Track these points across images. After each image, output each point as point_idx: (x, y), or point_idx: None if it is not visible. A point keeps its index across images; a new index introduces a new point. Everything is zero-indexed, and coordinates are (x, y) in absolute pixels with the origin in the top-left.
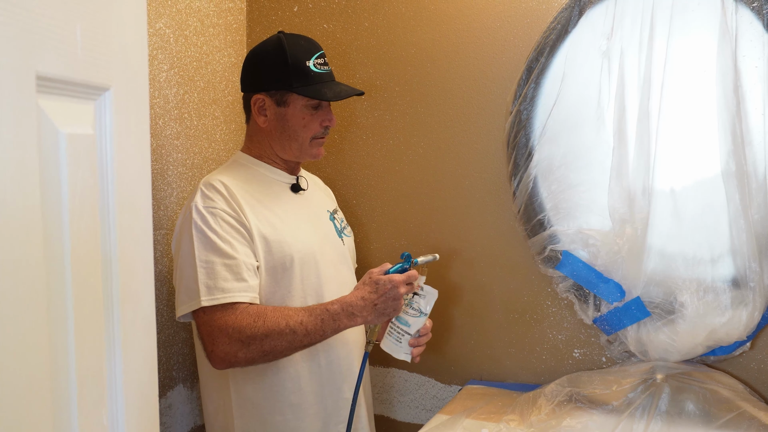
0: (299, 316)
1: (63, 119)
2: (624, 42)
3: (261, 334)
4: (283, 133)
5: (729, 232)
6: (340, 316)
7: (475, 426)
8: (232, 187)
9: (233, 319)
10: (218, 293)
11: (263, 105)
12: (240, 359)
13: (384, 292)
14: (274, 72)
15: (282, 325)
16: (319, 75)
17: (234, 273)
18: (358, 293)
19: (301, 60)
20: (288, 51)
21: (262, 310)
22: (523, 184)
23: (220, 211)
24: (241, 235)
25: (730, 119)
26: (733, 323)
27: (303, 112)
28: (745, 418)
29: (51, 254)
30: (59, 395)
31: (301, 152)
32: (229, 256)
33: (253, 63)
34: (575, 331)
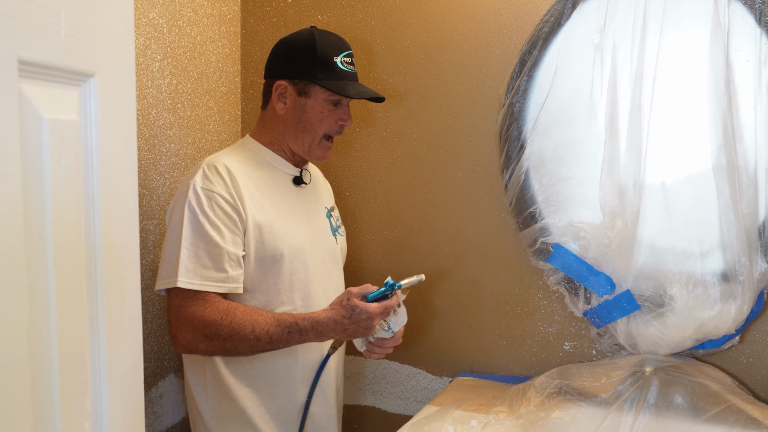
0: (267, 325)
1: (46, 105)
2: (617, 36)
3: (225, 334)
4: (299, 124)
5: (719, 226)
6: (308, 333)
7: (464, 417)
8: (234, 172)
9: (201, 311)
10: (195, 278)
11: (284, 92)
12: (200, 351)
13: (358, 321)
14: (301, 61)
15: (247, 331)
16: (344, 73)
17: (215, 261)
18: (331, 314)
19: (330, 55)
20: (318, 44)
21: (232, 308)
22: (515, 176)
23: (217, 195)
24: (232, 222)
25: (721, 114)
26: (722, 317)
27: (323, 105)
28: (733, 412)
29: (32, 242)
30: (40, 382)
31: (311, 148)
32: (214, 244)
33: (281, 50)
34: (565, 323)
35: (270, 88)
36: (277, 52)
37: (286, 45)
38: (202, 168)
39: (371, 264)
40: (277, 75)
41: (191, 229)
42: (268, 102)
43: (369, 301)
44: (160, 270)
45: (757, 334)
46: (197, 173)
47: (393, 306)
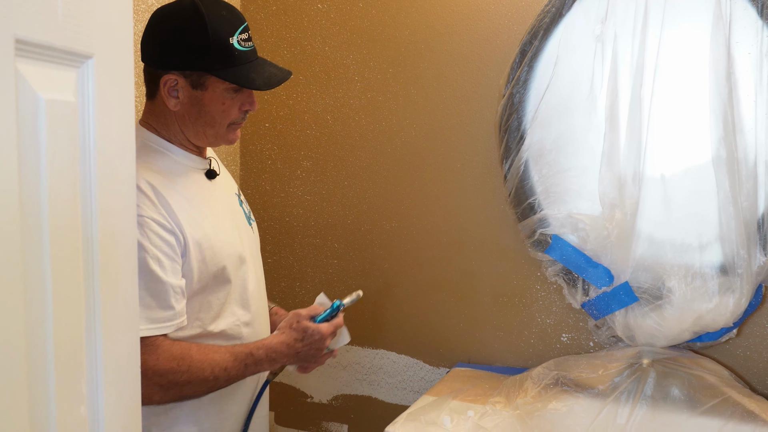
0: (224, 362)
1: (43, 84)
2: (618, 27)
3: (183, 381)
4: (198, 119)
5: (718, 219)
6: (262, 362)
7: (461, 407)
8: (158, 186)
9: (154, 361)
10: (142, 323)
11: (175, 86)
12: (154, 402)
13: (310, 343)
14: (191, 50)
15: (206, 373)
16: (244, 54)
17: (160, 299)
18: (282, 338)
19: (224, 37)
20: (209, 25)
21: (186, 351)
22: (515, 167)
23: (149, 220)
24: (170, 248)
25: (721, 106)
26: (720, 310)
27: (223, 96)
28: (729, 404)
29: (28, 224)
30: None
31: (216, 139)
32: (156, 279)
33: (165, 35)
34: (563, 315)
35: (154, 80)
36: (160, 38)
37: (169, 28)
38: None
39: (370, 255)
40: (163, 65)
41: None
42: (155, 94)
43: (318, 322)
44: None
45: (754, 327)
46: None
47: (341, 325)
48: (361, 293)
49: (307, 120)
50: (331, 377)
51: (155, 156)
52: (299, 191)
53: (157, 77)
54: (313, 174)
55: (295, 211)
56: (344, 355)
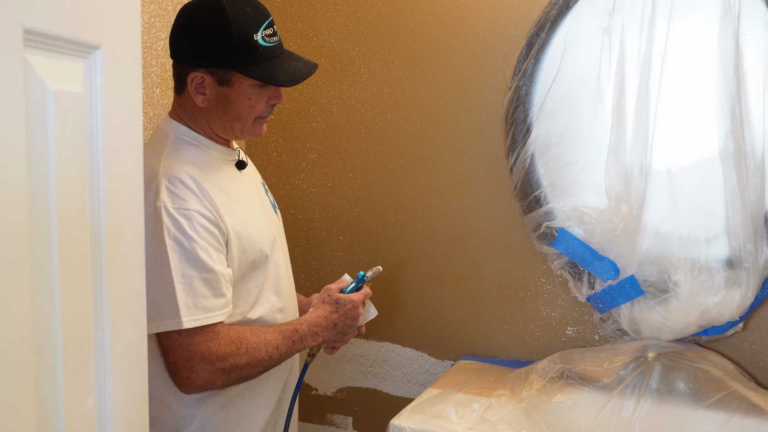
0: (275, 341)
1: (51, 75)
2: (625, 19)
3: (243, 364)
4: (226, 114)
5: (725, 213)
6: (306, 337)
7: (466, 400)
8: (199, 179)
9: (216, 347)
10: (200, 313)
11: (202, 83)
12: (217, 386)
13: (345, 312)
14: (216, 48)
15: (262, 353)
16: (268, 50)
17: (213, 288)
18: (320, 312)
19: (248, 33)
20: (233, 22)
21: (241, 334)
22: (521, 160)
23: (195, 213)
24: (217, 241)
25: (729, 99)
26: (727, 303)
27: (249, 91)
28: (735, 398)
29: (36, 215)
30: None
31: (243, 132)
32: (208, 269)
33: (189, 33)
34: (569, 308)
35: (182, 76)
36: (185, 35)
37: (194, 26)
38: (162, 184)
39: (375, 247)
40: (189, 62)
41: (179, 259)
42: (184, 90)
43: (346, 293)
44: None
45: (760, 321)
46: (161, 192)
47: (369, 294)
48: (380, 268)
49: (313, 112)
50: (336, 370)
51: (189, 149)
52: (304, 184)
53: (185, 74)
54: (318, 166)
55: (300, 203)
56: (349, 347)
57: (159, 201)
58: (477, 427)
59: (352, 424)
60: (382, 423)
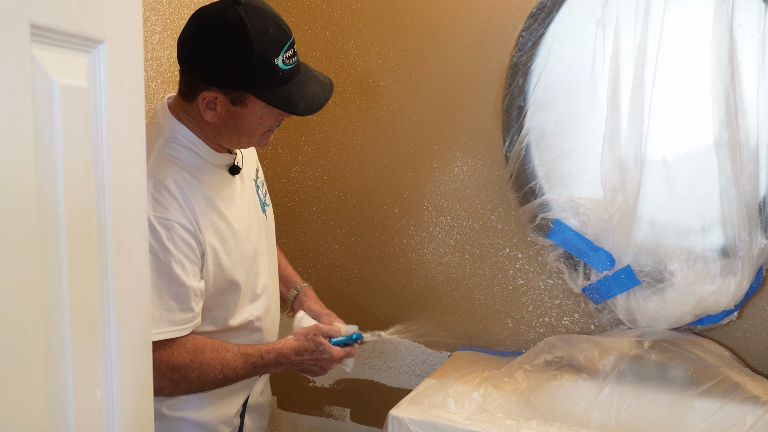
0: (234, 362)
1: (57, 70)
2: (620, 9)
3: (193, 377)
4: (235, 130)
5: (720, 202)
6: (270, 365)
7: (464, 390)
8: (185, 187)
9: (168, 355)
10: (163, 325)
11: (214, 100)
12: (164, 394)
13: (318, 359)
14: (234, 71)
15: (216, 372)
16: (288, 73)
17: (181, 302)
18: (295, 345)
19: (270, 58)
20: (255, 46)
21: (200, 346)
22: (516, 152)
23: (175, 224)
24: (192, 252)
25: (724, 89)
26: (722, 292)
27: (261, 111)
28: (730, 384)
29: (44, 207)
30: (53, 350)
31: (249, 144)
32: (180, 283)
33: (207, 47)
34: (565, 298)
35: (193, 89)
36: (202, 50)
37: (213, 43)
38: (149, 194)
39: (372, 239)
40: (203, 79)
41: (152, 270)
42: (193, 100)
43: (333, 344)
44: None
45: (755, 309)
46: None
47: (353, 355)
48: (382, 334)
49: None
50: None
51: (182, 150)
52: (300, 176)
53: (197, 89)
54: (314, 159)
55: (296, 196)
56: None
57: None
58: (476, 416)
59: (350, 416)
60: (380, 414)
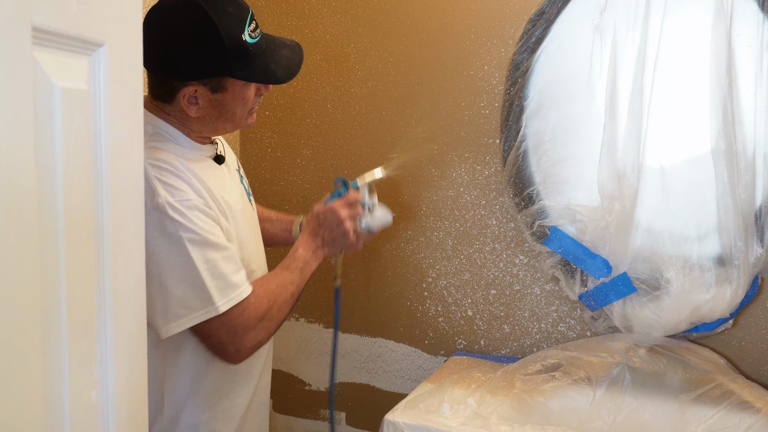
0: (287, 278)
1: (58, 73)
2: (618, 17)
3: (275, 312)
4: (219, 119)
5: (716, 211)
6: (309, 260)
7: (460, 395)
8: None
9: (255, 311)
10: (231, 292)
11: (195, 94)
12: (263, 342)
13: (327, 223)
14: (209, 58)
15: (286, 295)
16: (257, 46)
17: (234, 263)
18: (306, 232)
19: (237, 35)
20: (220, 28)
21: (265, 287)
22: (513, 157)
23: (193, 203)
24: (217, 222)
25: (721, 98)
26: (717, 300)
27: (242, 91)
28: (723, 391)
29: (44, 208)
30: (50, 350)
31: (236, 127)
32: (224, 247)
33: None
34: (561, 305)
35: (171, 90)
36: (170, 46)
37: (178, 36)
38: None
39: (369, 243)
40: (180, 76)
41: (199, 248)
42: (172, 102)
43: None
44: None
45: (750, 318)
46: (158, 190)
47: (353, 199)
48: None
49: (307, 108)
50: (330, 365)
51: (168, 144)
52: (299, 180)
53: (174, 88)
54: (313, 163)
55: (294, 199)
56: (342, 343)
57: (159, 199)
58: (471, 421)
59: (345, 420)
60: (375, 418)
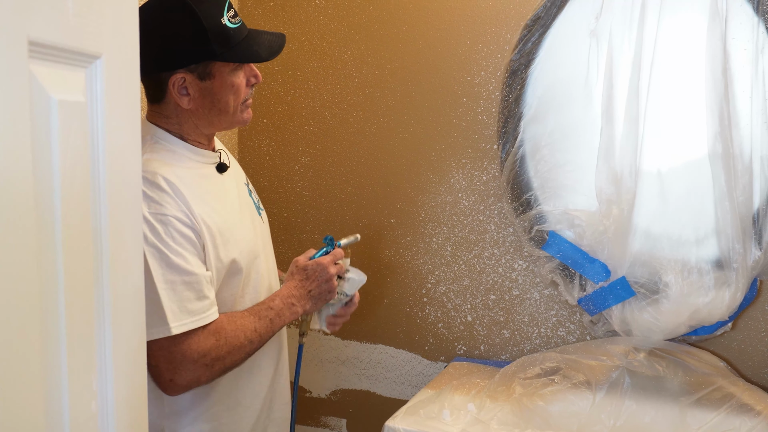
0: (252, 324)
1: (54, 85)
2: (614, 22)
3: (224, 354)
4: (213, 109)
5: (714, 214)
6: (283, 312)
7: (460, 401)
8: (175, 181)
9: (196, 344)
10: (186, 317)
11: (183, 83)
12: (202, 382)
13: (315, 276)
14: (191, 43)
15: (241, 339)
16: (237, 31)
17: (196, 291)
18: (291, 284)
19: (216, 19)
20: (199, 13)
21: (219, 325)
22: (510, 162)
23: (171, 218)
24: (193, 245)
25: (717, 101)
26: (716, 303)
27: (230, 78)
28: (723, 394)
29: (42, 220)
30: (49, 361)
31: (232, 122)
32: (188, 272)
33: (157, 35)
34: (561, 309)
35: (161, 85)
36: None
37: (162, 28)
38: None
39: (369, 250)
40: (166, 66)
41: (159, 265)
42: (163, 98)
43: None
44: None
45: (749, 320)
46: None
47: (340, 254)
48: (359, 236)
49: (305, 116)
50: (330, 372)
51: (167, 154)
52: (297, 187)
53: (164, 81)
54: (311, 170)
55: (293, 207)
56: (343, 350)
57: None
58: (471, 427)
59: (346, 426)
60: (376, 425)
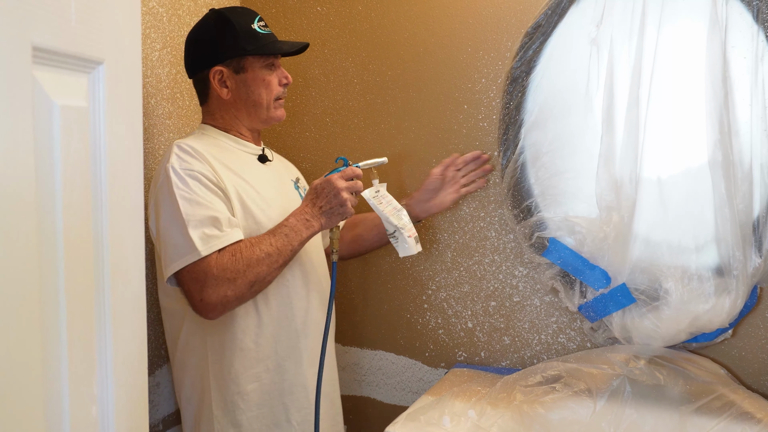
0: (267, 240)
1: (57, 91)
2: (614, 30)
3: (243, 267)
4: (248, 99)
5: (714, 221)
6: (298, 227)
7: (460, 408)
8: (203, 152)
9: (215, 260)
10: (212, 240)
11: (222, 77)
12: (230, 298)
13: (324, 193)
14: (225, 41)
15: (257, 253)
16: (267, 36)
17: (220, 224)
18: (303, 203)
19: (247, 24)
20: (232, 19)
21: (234, 246)
22: (511, 169)
23: (198, 173)
24: (218, 197)
25: (717, 109)
26: (717, 310)
27: (262, 73)
28: (724, 402)
29: (43, 225)
30: (50, 366)
31: (268, 115)
32: (213, 209)
33: (198, 41)
34: (561, 316)
35: (204, 81)
36: (195, 45)
37: (201, 35)
38: (173, 153)
39: (369, 257)
40: (206, 65)
41: (188, 205)
42: (208, 95)
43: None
44: (166, 257)
45: (749, 328)
46: (171, 157)
47: (352, 172)
48: (386, 159)
49: (306, 122)
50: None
51: (207, 139)
52: None
53: (206, 78)
54: (312, 176)
55: None
56: (343, 356)
57: (168, 164)
58: None
59: None
60: (376, 431)
